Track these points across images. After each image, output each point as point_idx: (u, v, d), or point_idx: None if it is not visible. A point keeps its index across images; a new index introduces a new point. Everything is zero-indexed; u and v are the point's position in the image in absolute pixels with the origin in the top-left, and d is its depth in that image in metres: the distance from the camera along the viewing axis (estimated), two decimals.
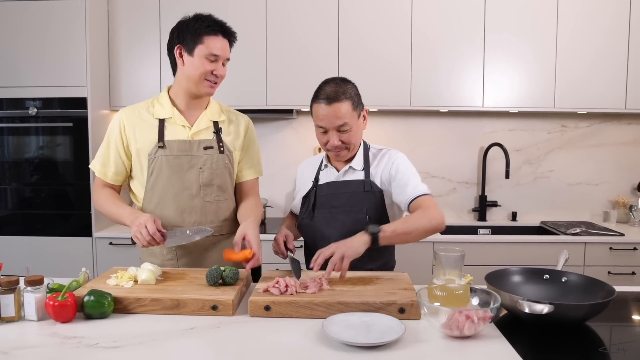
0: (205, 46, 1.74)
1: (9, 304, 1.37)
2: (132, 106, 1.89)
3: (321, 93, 1.75)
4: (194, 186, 1.82)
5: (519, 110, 3.13)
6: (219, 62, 1.79)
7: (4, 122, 2.95)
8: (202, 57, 1.75)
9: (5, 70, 2.93)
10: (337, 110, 1.72)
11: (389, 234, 1.59)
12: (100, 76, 3.04)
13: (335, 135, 1.76)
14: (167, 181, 1.81)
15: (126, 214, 1.74)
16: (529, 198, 3.44)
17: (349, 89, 1.77)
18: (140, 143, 1.81)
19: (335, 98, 1.72)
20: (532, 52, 3.05)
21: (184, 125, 1.83)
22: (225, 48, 1.80)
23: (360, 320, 1.33)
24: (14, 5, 2.90)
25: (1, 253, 2.98)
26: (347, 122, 1.74)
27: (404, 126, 3.43)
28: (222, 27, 1.79)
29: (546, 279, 1.55)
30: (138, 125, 1.82)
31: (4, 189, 3.00)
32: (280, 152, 3.47)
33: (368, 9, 3.06)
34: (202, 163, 1.81)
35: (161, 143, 1.79)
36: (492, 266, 1.61)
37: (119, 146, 1.83)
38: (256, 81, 3.12)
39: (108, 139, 1.86)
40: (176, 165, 1.80)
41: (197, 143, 1.82)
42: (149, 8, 3.09)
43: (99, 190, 1.87)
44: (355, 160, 1.86)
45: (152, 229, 1.62)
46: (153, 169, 1.80)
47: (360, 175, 1.84)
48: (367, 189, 1.81)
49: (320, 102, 1.74)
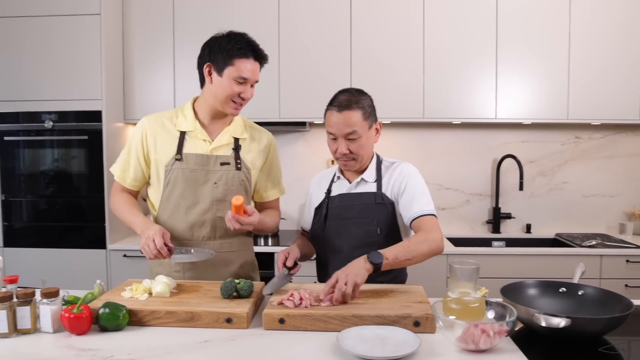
0: (236, 68, 1.73)
1: (24, 315, 1.39)
2: (156, 115, 1.89)
3: (335, 101, 1.78)
4: (207, 200, 1.82)
5: (532, 121, 3.12)
6: (248, 85, 1.77)
7: (20, 136, 3.00)
8: (230, 78, 1.73)
9: (22, 84, 2.98)
10: (347, 118, 1.74)
11: (391, 261, 1.58)
12: (114, 90, 3.08)
13: (344, 143, 1.77)
14: (181, 194, 1.82)
15: (138, 223, 1.77)
16: (544, 210, 3.41)
17: (363, 100, 1.78)
18: (159, 153, 1.83)
19: (346, 106, 1.74)
20: (544, 63, 3.04)
21: (204, 139, 1.83)
22: (256, 71, 1.78)
23: (375, 333, 1.33)
24: (31, 20, 2.96)
25: (17, 265, 3.01)
26: (356, 131, 1.75)
27: (416, 138, 3.42)
28: (254, 50, 1.76)
29: (562, 292, 1.54)
30: (159, 135, 1.83)
31: (20, 201, 3.04)
32: (293, 165, 3.48)
33: (380, 22, 3.08)
34: (217, 178, 1.82)
35: (179, 155, 1.80)
36: (507, 279, 1.60)
37: (139, 154, 1.85)
38: (269, 94, 3.14)
39: (129, 145, 1.88)
40: (191, 178, 1.81)
41: (215, 158, 1.82)
42: (163, 23, 3.14)
43: (117, 194, 1.90)
44: (367, 172, 1.86)
45: (160, 243, 1.63)
46: (169, 180, 1.82)
47: (372, 187, 1.84)
48: (379, 201, 1.81)
49: (332, 109, 1.77)
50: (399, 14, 3.07)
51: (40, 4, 2.94)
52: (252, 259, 2.02)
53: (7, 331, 1.36)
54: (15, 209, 3.05)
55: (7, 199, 3.03)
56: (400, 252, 1.60)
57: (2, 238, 3.04)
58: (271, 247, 2.99)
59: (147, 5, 3.15)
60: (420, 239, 1.66)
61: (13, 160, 3.02)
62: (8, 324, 1.36)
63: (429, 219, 1.73)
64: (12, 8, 2.96)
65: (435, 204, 3.40)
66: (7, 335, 1.37)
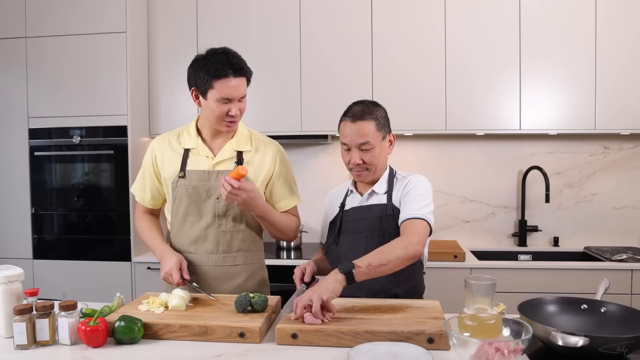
0: (217, 90, 1.73)
1: (44, 328, 1.42)
2: (165, 134, 1.96)
3: (349, 111, 1.80)
4: (209, 215, 1.85)
5: (557, 132, 3.05)
6: (233, 102, 1.76)
7: (50, 151, 3.09)
8: (214, 100, 1.74)
9: (53, 101, 3.08)
10: (360, 129, 1.75)
11: (364, 269, 1.52)
12: (140, 105, 3.15)
13: (357, 153, 1.77)
14: (186, 210, 1.86)
15: (158, 250, 1.87)
16: (572, 223, 3.32)
17: (376, 111, 1.79)
18: (166, 171, 1.88)
19: (360, 117, 1.76)
20: (569, 72, 2.98)
21: (207, 155, 1.86)
22: (238, 87, 1.75)
23: (388, 350, 1.31)
24: (59, 39, 3.06)
25: (46, 276, 3.10)
26: (369, 141, 1.75)
27: (439, 150, 3.39)
28: (232, 67, 1.72)
29: (584, 309, 1.49)
30: (167, 154, 1.89)
31: (49, 215, 3.12)
32: (316, 177, 3.49)
33: (401, 33, 3.07)
34: (219, 193, 1.82)
35: (182, 173, 1.85)
36: (533, 293, 1.56)
37: (152, 174, 1.93)
38: (291, 107, 3.16)
39: (143, 166, 1.95)
40: (194, 194, 1.84)
41: (216, 173, 1.84)
42: (187, 40, 3.20)
43: (140, 216, 2.01)
44: (378, 184, 1.86)
45: (176, 279, 1.73)
46: (175, 197, 1.87)
47: (382, 199, 1.84)
48: (389, 213, 1.80)
49: (346, 120, 1.79)
50: (420, 25, 3.06)
51: (68, 25, 3.05)
52: (262, 273, 2.02)
53: (26, 343, 1.40)
54: (44, 222, 3.13)
55: (37, 212, 3.12)
56: (374, 259, 1.54)
57: (32, 250, 3.12)
58: (294, 260, 2.99)
59: (171, 22, 3.23)
60: (396, 243, 1.61)
61: (43, 175, 3.12)
62: (27, 335, 1.40)
63: (416, 222, 1.68)
64: (43, 29, 3.07)
65: (459, 217, 3.39)
66: (27, 346, 1.40)
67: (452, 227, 3.38)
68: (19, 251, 3.13)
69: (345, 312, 1.56)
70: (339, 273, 1.51)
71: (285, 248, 3.26)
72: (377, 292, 1.76)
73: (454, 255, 2.83)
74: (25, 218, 3.13)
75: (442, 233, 3.40)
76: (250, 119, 3.17)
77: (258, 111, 3.17)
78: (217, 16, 3.19)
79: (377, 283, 1.72)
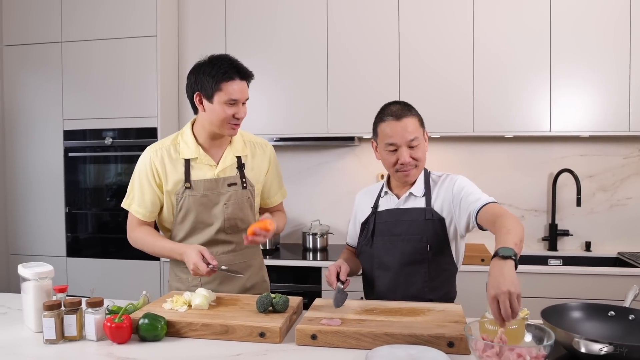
0: (224, 92, 1.76)
1: (71, 323, 1.47)
2: (159, 143, 1.92)
3: (386, 111, 1.79)
4: (219, 221, 1.89)
5: (589, 134, 2.97)
6: (239, 105, 1.80)
7: (83, 152, 3.18)
8: (221, 103, 1.77)
9: (86, 103, 3.17)
10: (406, 125, 1.74)
11: (518, 250, 1.34)
12: (170, 107, 3.22)
13: (406, 151, 1.75)
14: (195, 217, 1.88)
15: (173, 252, 1.84)
16: (605, 227, 3.23)
17: (413, 109, 1.81)
18: (170, 183, 1.87)
19: (403, 114, 1.75)
20: (602, 72, 2.89)
21: (210, 164, 1.88)
22: (244, 90, 1.81)
23: (407, 352, 1.30)
24: (93, 43, 3.16)
25: (78, 273, 3.19)
26: (417, 137, 1.75)
27: (467, 152, 3.35)
28: (238, 70, 1.79)
29: (611, 316, 1.45)
30: (167, 165, 1.86)
31: (82, 214, 3.21)
32: (343, 179, 3.49)
33: (428, 34, 3.05)
34: (227, 199, 1.88)
35: (188, 184, 1.86)
36: (563, 299, 1.53)
37: (152, 185, 1.87)
38: (318, 109, 3.18)
39: (140, 179, 1.88)
40: (203, 203, 1.87)
41: (222, 180, 1.88)
42: (216, 43, 3.25)
43: (135, 228, 1.93)
44: (415, 186, 1.83)
45: (204, 270, 1.70)
46: (181, 207, 1.88)
47: (421, 202, 1.81)
48: (428, 217, 1.78)
49: (388, 120, 1.76)
50: (448, 26, 3.03)
51: (102, 29, 3.14)
52: (262, 272, 2.09)
53: (54, 338, 1.45)
54: (77, 221, 3.22)
55: (70, 211, 3.21)
56: (515, 237, 1.37)
57: (66, 248, 3.22)
58: (320, 261, 3.00)
59: (200, 26, 3.28)
60: (509, 220, 1.47)
61: (77, 175, 3.21)
62: (56, 331, 1.45)
63: (495, 205, 1.62)
64: (78, 33, 3.17)
65: None
66: (55, 341, 1.45)
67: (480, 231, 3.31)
68: (53, 249, 3.23)
69: (365, 314, 1.56)
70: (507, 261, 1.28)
71: (312, 249, 3.27)
72: (412, 297, 1.75)
73: (481, 259, 2.79)
74: (59, 217, 3.23)
75: (469, 236, 3.28)
76: (277, 121, 3.21)
77: (285, 113, 3.20)
78: (245, 20, 3.22)
79: (412, 288, 1.72)
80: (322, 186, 3.55)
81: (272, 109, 3.23)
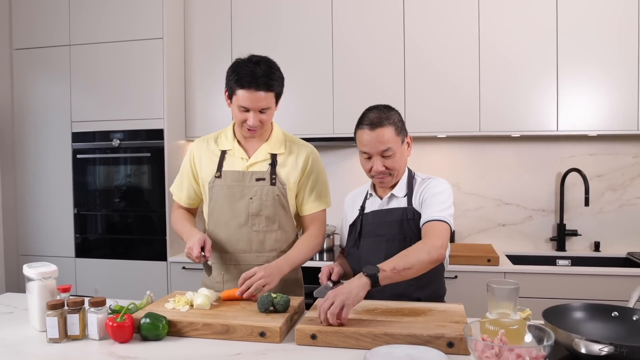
0: (237, 98, 1.80)
1: (74, 323, 1.48)
2: (204, 137, 2.03)
3: (364, 119, 1.78)
4: (242, 215, 1.90)
5: (598, 133, 2.94)
6: (250, 113, 1.80)
7: (91, 153, 3.22)
8: (236, 106, 1.82)
9: (94, 105, 3.20)
10: (380, 135, 1.73)
11: (389, 273, 1.51)
12: (176, 109, 3.23)
13: (379, 160, 1.76)
14: (221, 209, 1.91)
15: (185, 233, 1.92)
16: (614, 227, 3.19)
17: (392, 115, 1.78)
18: (204, 172, 1.95)
19: (378, 123, 1.73)
20: (610, 70, 2.86)
21: (242, 157, 1.92)
22: (258, 100, 1.78)
23: (406, 353, 1.30)
24: (100, 46, 3.19)
25: (87, 274, 3.21)
26: (390, 147, 1.74)
27: (473, 152, 3.32)
28: (255, 80, 1.76)
29: (615, 316, 1.43)
30: (204, 156, 1.96)
31: (90, 215, 3.24)
32: (349, 180, 3.48)
33: (434, 34, 3.04)
34: (253, 194, 1.89)
35: (218, 173, 1.91)
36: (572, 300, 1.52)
37: (189, 175, 2.01)
38: (323, 110, 3.18)
39: (182, 167, 2.04)
40: (229, 194, 1.90)
41: (250, 174, 1.89)
42: (222, 45, 3.26)
43: (175, 210, 2.09)
44: (397, 187, 1.85)
45: (196, 253, 1.75)
46: (211, 196, 1.92)
47: (402, 202, 1.83)
48: (409, 217, 1.79)
49: (363, 128, 1.76)
50: (453, 25, 3.02)
51: (109, 32, 3.16)
52: (295, 273, 2.02)
53: (58, 337, 1.46)
54: (85, 222, 3.25)
55: (79, 213, 3.25)
56: (398, 263, 1.54)
57: (75, 249, 3.25)
58: (326, 262, 2.99)
59: (207, 28, 3.30)
60: (419, 246, 1.61)
61: (85, 176, 3.24)
62: (59, 330, 1.46)
63: (437, 224, 1.68)
64: (85, 36, 3.20)
65: (495, 220, 3.33)
66: (58, 340, 1.47)
67: (487, 231, 3.31)
68: (62, 250, 3.27)
69: (366, 314, 1.55)
70: (364, 277, 1.49)
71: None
72: (399, 296, 1.75)
73: (487, 259, 2.77)
74: (68, 218, 3.26)
75: (476, 236, 3.33)
76: (282, 121, 3.21)
77: (290, 114, 3.20)
78: (250, 21, 3.24)
79: (399, 287, 1.71)
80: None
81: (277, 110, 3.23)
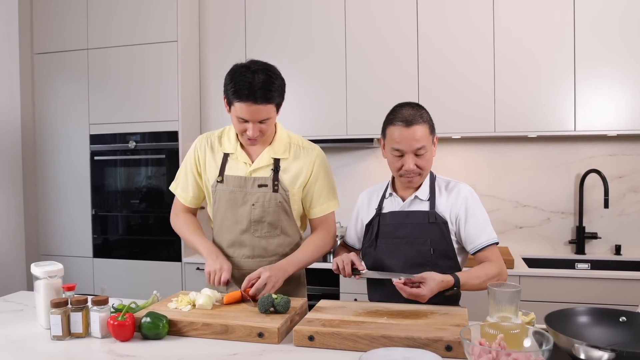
0: (235, 108, 1.73)
1: (77, 321, 1.50)
2: (208, 134, 1.96)
3: (398, 115, 1.73)
4: (245, 221, 1.87)
5: (618, 133, 2.86)
6: (249, 124, 1.74)
7: (112, 155, 3.27)
8: (234, 116, 1.76)
9: (111, 108, 3.26)
10: (415, 133, 1.69)
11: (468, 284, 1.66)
12: (191, 111, 3.27)
13: (411, 159, 1.72)
14: (224, 214, 1.89)
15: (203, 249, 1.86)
16: (636, 230, 3.09)
17: (425, 113, 1.75)
18: (208, 174, 1.91)
19: (413, 121, 1.70)
20: (629, 69, 2.78)
21: (245, 161, 1.87)
22: (257, 112, 1.71)
23: (402, 356, 1.27)
24: (117, 50, 3.25)
25: (104, 274, 3.27)
26: (424, 146, 1.71)
27: (489, 153, 3.27)
28: (252, 94, 1.68)
29: (623, 321, 1.38)
30: (208, 155, 1.92)
31: (108, 216, 3.30)
32: (364, 181, 3.46)
33: (448, 33, 3.00)
34: (255, 200, 1.85)
35: (220, 178, 1.87)
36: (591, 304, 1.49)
37: (194, 172, 1.94)
38: (336, 111, 3.17)
39: (186, 164, 1.97)
40: (231, 199, 1.87)
41: (252, 180, 1.85)
42: (236, 48, 3.29)
43: (180, 214, 2.00)
44: (421, 190, 1.81)
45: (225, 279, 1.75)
46: (214, 200, 1.90)
47: (425, 205, 1.79)
48: (432, 221, 1.76)
49: (397, 125, 1.71)
50: (467, 25, 2.98)
51: (125, 35, 3.22)
52: (299, 275, 2.01)
53: (61, 334, 1.49)
54: (103, 223, 3.31)
55: (97, 214, 3.31)
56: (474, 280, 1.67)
57: (92, 249, 3.31)
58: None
59: (220, 31, 3.33)
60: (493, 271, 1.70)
61: (102, 178, 3.30)
62: (62, 327, 1.49)
63: (494, 249, 1.76)
64: (103, 40, 3.26)
65: (511, 222, 3.28)
66: (62, 337, 1.49)
67: (503, 233, 3.24)
68: (80, 250, 3.32)
69: (367, 316, 1.54)
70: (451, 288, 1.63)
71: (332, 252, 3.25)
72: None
73: None
74: (86, 219, 3.32)
75: None
76: (296, 123, 3.22)
77: (304, 115, 3.20)
78: (264, 24, 3.25)
79: None
80: (343, 188, 3.48)
81: (289, 112, 3.22)
